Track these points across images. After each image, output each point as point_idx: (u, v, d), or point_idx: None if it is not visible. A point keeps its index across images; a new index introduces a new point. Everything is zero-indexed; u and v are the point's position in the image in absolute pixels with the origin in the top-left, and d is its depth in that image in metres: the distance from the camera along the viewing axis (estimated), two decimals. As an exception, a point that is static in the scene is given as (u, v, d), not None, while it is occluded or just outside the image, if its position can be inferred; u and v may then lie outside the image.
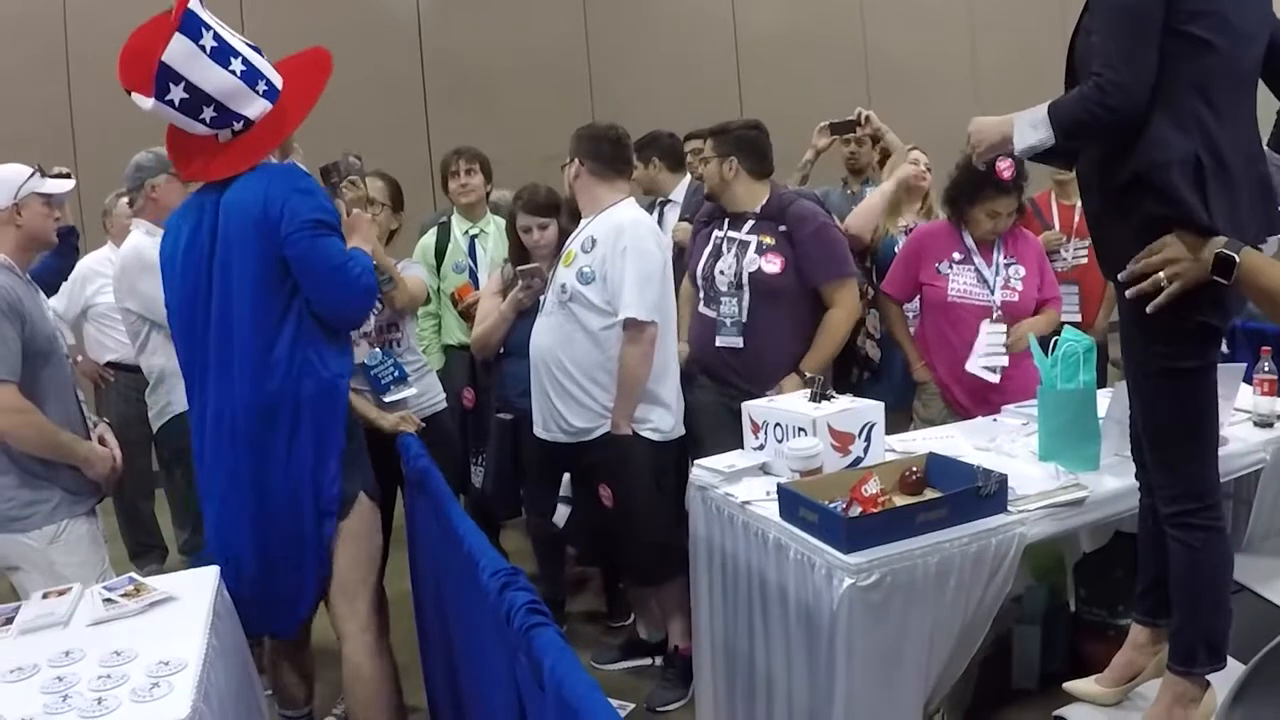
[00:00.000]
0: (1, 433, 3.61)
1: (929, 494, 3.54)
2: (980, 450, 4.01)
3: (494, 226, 5.89)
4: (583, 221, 4.62)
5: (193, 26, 3.30)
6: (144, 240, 4.94)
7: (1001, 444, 4.05)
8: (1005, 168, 4.71)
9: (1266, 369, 4.32)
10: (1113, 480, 3.64)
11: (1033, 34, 12.68)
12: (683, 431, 4.65)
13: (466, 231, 5.89)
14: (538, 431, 4.70)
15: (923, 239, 5.13)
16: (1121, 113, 2.83)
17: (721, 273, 4.74)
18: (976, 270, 4.91)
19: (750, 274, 4.67)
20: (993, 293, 4.87)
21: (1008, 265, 4.93)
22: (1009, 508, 3.36)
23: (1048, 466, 3.73)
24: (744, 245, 4.73)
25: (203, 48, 3.31)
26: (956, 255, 4.95)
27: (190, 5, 3.30)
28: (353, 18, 9.48)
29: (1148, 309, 2.90)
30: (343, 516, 3.70)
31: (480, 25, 10.33)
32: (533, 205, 4.95)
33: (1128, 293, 2.96)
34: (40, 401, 3.65)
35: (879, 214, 5.55)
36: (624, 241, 4.39)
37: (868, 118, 5.98)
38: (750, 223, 4.77)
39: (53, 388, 3.74)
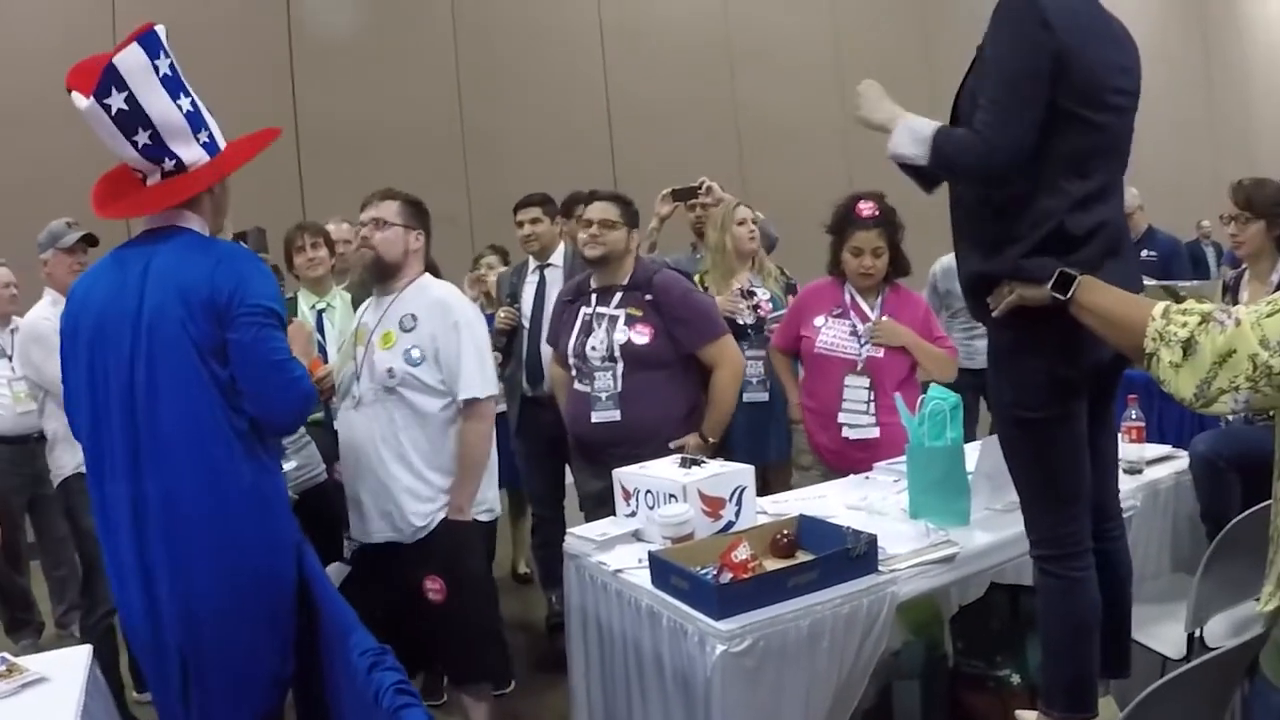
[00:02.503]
0: None
1: (801, 556, 3.54)
2: (851, 509, 4.04)
3: (340, 300, 5.76)
4: (386, 298, 4.31)
5: (153, 45, 3.16)
6: (42, 310, 5.08)
7: (873, 502, 4.07)
8: (866, 207, 4.87)
9: (1134, 416, 4.40)
10: (983, 535, 3.70)
11: (901, 95, 12.84)
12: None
13: (314, 306, 5.74)
14: (361, 535, 4.32)
15: (808, 293, 5.23)
16: (991, 171, 2.96)
17: (593, 348, 4.69)
18: (851, 324, 4.96)
19: (621, 345, 4.64)
20: (861, 346, 4.91)
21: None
22: (880, 567, 3.37)
23: (918, 524, 3.75)
24: (613, 319, 4.71)
25: (156, 68, 3.15)
26: (835, 309, 5.02)
27: (156, 28, 3.18)
28: (226, 74, 9.42)
29: (993, 313, 3.10)
30: None
31: (354, 87, 10.33)
32: None
33: (990, 301, 3.12)
34: None
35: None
36: (454, 316, 4.16)
37: (709, 188, 6.04)
38: (618, 295, 4.75)
39: None
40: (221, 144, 3.39)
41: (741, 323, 5.47)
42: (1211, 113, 18.95)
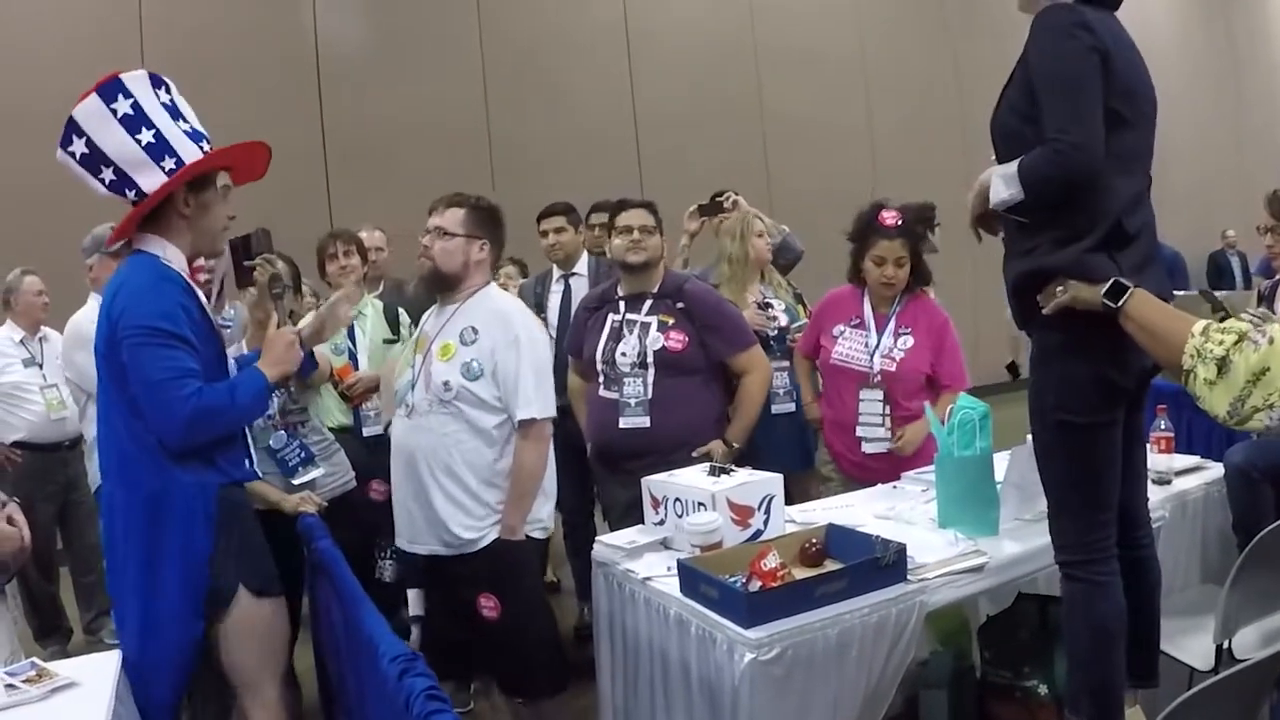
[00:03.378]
0: None
1: (829, 565, 3.54)
2: (880, 519, 4.04)
3: (372, 308, 5.78)
4: (449, 307, 4.20)
5: (111, 91, 3.33)
6: (89, 313, 5.06)
7: (901, 512, 4.07)
8: (889, 216, 4.88)
9: (1163, 427, 4.39)
10: (1012, 545, 3.68)
11: (926, 92, 12.96)
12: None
13: None
14: (405, 545, 4.23)
15: (829, 300, 5.24)
16: (1078, 173, 2.98)
17: (624, 354, 4.69)
18: (865, 336, 4.99)
19: (655, 352, 4.65)
20: (871, 359, 4.94)
21: (899, 335, 4.96)
22: (909, 576, 3.36)
23: (947, 533, 3.76)
24: (645, 326, 4.72)
25: (114, 111, 3.31)
26: (854, 319, 5.04)
27: (122, 75, 3.34)
28: (253, 81, 9.46)
29: (1044, 309, 3.09)
30: (218, 618, 3.44)
31: (381, 93, 10.37)
32: None
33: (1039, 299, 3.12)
34: None
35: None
36: (515, 331, 4.05)
37: (735, 202, 6.04)
38: (648, 303, 4.77)
39: None
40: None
41: (766, 335, 5.49)
42: (1238, 115, 18.77)
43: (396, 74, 10.54)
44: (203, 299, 3.56)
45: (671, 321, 4.70)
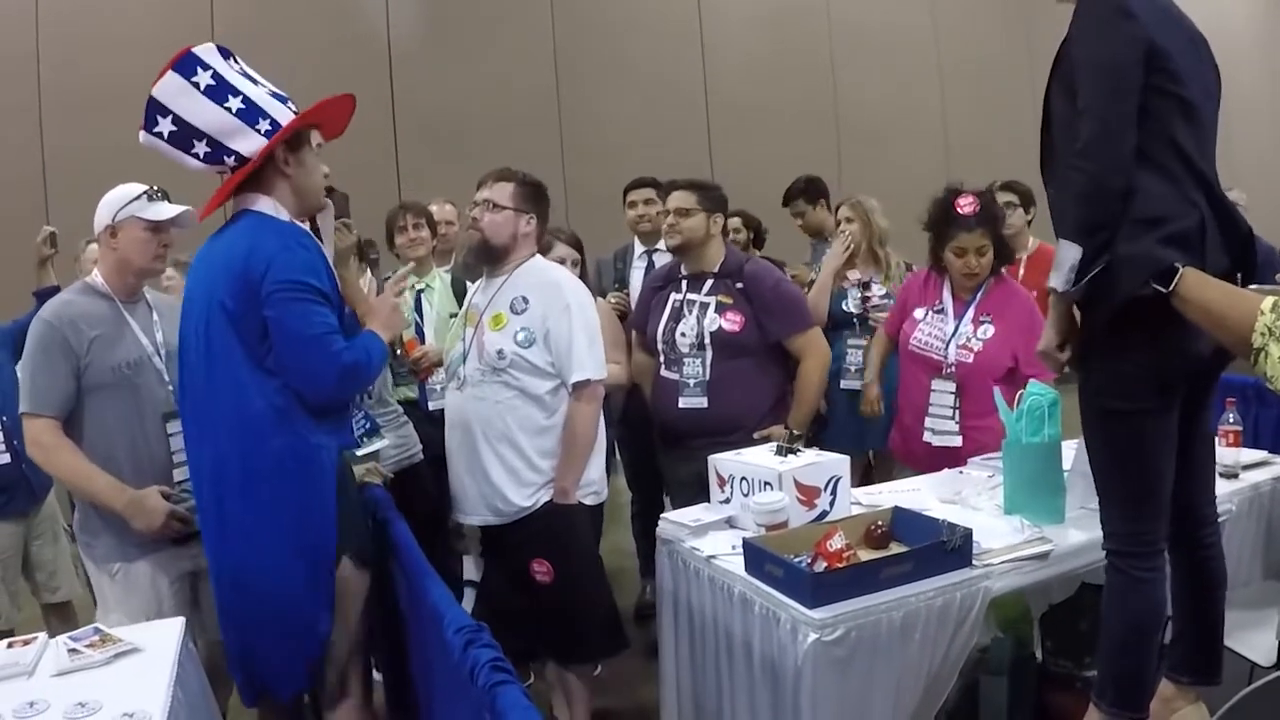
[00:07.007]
0: (37, 464, 3.68)
1: (894, 548, 3.54)
2: (946, 503, 4.03)
3: (439, 282, 5.73)
4: (497, 279, 4.32)
5: (188, 66, 3.33)
6: None
7: (967, 497, 4.06)
8: (966, 203, 4.73)
9: (1231, 420, 4.35)
10: (1078, 533, 3.67)
11: (1001, 85, 12.82)
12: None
13: (413, 286, 5.63)
14: (461, 517, 4.42)
15: (915, 283, 5.17)
16: (1111, 191, 2.93)
17: (683, 335, 4.73)
18: (944, 324, 4.85)
19: (711, 333, 4.66)
20: (947, 349, 4.79)
21: (979, 323, 4.77)
22: (974, 561, 3.36)
23: (1013, 520, 3.75)
24: (704, 306, 4.73)
25: (196, 84, 3.31)
26: (935, 304, 4.92)
27: (194, 49, 3.36)
28: (324, 58, 9.49)
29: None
30: None
31: (452, 70, 10.38)
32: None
33: None
34: (89, 438, 3.65)
35: (828, 291, 5.76)
36: (566, 298, 4.18)
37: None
38: (709, 282, 4.78)
39: (106, 425, 3.71)
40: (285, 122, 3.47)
41: (850, 313, 5.59)
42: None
43: (468, 52, 10.55)
44: (328, 255, 3.61)
45: (730, 302, 4.71)
